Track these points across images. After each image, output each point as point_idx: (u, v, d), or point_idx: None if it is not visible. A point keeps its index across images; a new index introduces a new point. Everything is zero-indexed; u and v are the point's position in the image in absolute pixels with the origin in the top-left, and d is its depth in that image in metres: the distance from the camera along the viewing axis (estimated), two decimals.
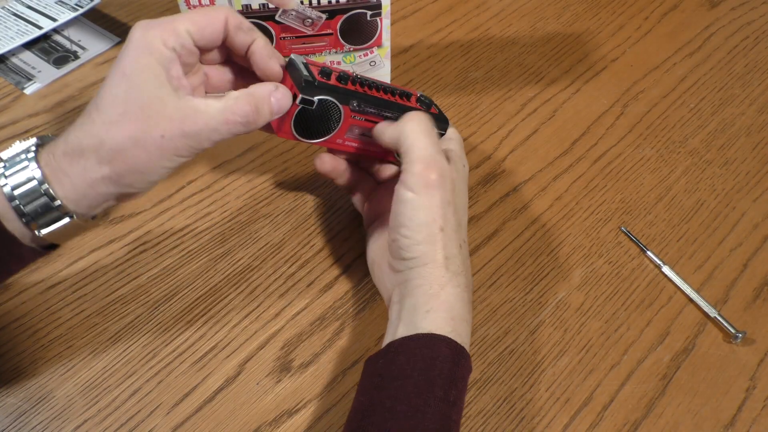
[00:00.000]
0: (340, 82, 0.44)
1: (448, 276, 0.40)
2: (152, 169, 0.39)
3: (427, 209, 0.40)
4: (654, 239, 0.54)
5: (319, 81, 0.42)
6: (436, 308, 0.39)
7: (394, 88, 0.47)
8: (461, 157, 0.46)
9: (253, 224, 0.54)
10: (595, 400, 0.45)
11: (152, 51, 0.38)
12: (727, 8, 0.76)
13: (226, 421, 0.44)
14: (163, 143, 0.38)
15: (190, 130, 0.38)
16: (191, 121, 0.38)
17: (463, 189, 0.44)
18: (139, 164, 0.38)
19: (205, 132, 0.39)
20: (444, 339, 0.38)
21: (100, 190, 0.39)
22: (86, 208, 0.39)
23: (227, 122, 0.38)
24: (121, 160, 0.38)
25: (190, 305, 0.49)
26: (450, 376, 0.37)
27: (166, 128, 0.38)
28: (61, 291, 0.49)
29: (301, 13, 0.51)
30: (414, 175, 0.40)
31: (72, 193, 0.38)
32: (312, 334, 0.48)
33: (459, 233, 0.42)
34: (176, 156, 0.39)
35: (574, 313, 0.50)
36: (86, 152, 0.38)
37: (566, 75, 0.67)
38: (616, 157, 0.60)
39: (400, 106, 0.46)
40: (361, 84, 0.45)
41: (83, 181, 0.38)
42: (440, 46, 0.70)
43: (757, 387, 0.46)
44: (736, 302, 0.51)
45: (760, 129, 0.63)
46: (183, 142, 0.38)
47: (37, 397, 0.44)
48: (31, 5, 0.70)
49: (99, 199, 0.40)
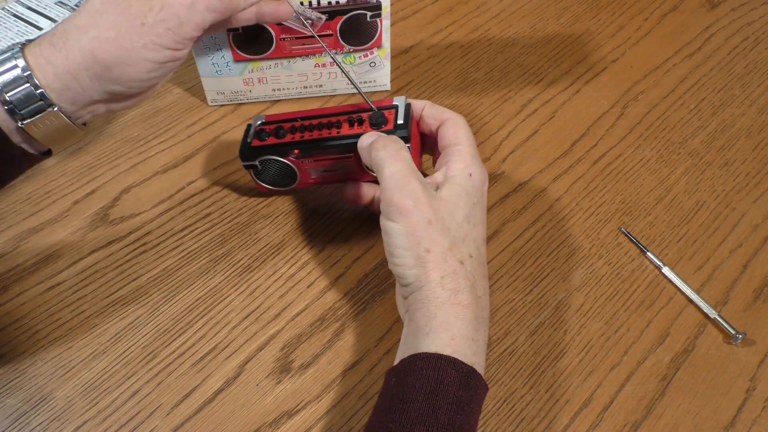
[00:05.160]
0: (278, 137, 0.49)
1: (446, 295, 0.39)
2: (134, 60, 0.39)
3: (407, 235, 0.39)
4: (654, 240, 0.54)
5: (254, 145, 0.50)
6: (435, 329, 0.38)
7: (350, 111, 0.49)
8: (464, 169, 0.43)
9: (252, 225, 0.54)
10: (595, 401, 0.45)
11: None
12: (727, 9, 0.76)
13: (226, 423, 0.44)
14: (142, 30, 0.38)
15: (168, 11, 0.39)
16: (167, 3, 0.39)
17: (462, 202, 0.42)
18: (120, 54, 0.38)
19: (184, 13, 0.39)
20: (450, 360, 0.37)
21: (83, 81, 0.39)
22: (70, 102, 0.40)
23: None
24: (102, 49, 0.38)
25: (189, 306, 0.49)
26: (456, 401, 0.36)
27: (147, 14, 0.38)
28: (60, 292, 0.49)
29: (301, 14, 0.52)
30: (387, 203, 0.40)
31: (54, 81, 0.38)
32: (312, 335, 0.48)
33: (456, 249, 0.40)
34: (158, 45, 0.39)
35: (574, 314, 0.50)
36: (70, 40, 0.38)
37: (566, 76, 0.67)
38: (616, 158, 0.60)
39: (347, 138, 0.47)
40: (302, 129, 0.49)
41: (66, 69, 0.38)
42: (440, 47, 0.70)
43: (757, 388, 0.46)
44: (736, 303, 0.51)
45: (760, 130, 0.63)
46: (162, 26, 0.39)
47: (36, 399, 0.44)
48: (31, 6, 0.70)
49: (83, 96, 0.40)
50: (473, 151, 0.45)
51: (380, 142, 0.43)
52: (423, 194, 0.40)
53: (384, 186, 0.41)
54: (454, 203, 0.41)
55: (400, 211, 0.40)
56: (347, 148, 0.47)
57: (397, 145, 0.42)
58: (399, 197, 0.40)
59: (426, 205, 0.40)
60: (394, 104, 0.48)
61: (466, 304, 0.39)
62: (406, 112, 0.47)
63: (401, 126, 0.46)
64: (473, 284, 0.40)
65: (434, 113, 0.47)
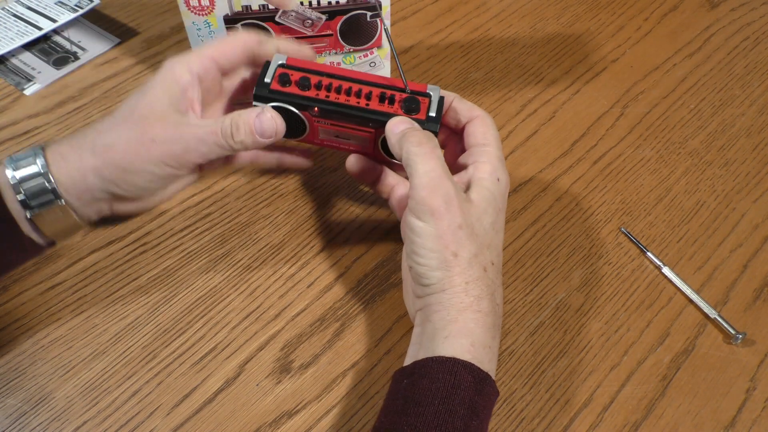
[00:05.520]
0: (301, 89, 0.45)
1: (468, 301, 0.39)
2: (137, 170, 0.42)
3: (436, 237, 0.39)
4: (654, 240, 0.54)
5: (272, 89, 0.45)
6: (455, 334, 0.38)
7: (384, 85, 0.46)
8: (492, 173, 0.43)
9: (252, 225, 0.54)
10: (595, 401, 0.45)
11: (174, 73, 0.43)
12: (727, 9, 0.76)
13: (226, 423, 0.44)
14: (151, 146, 0.42)
15: (179, 136, 0.42)
16: (181, 129, 0.42)
17: (491, 208, 0.42)
18: (125, 161, 0.41)
19: (192, 141, 0.42)
20: (467, 365, 0.37)
21: (89, 180, 0.42)
22: (77, 198, 0.42)
23: (212, 133, 0.42)
24: (110, 154, 0.41)
25: (189, 306, 0.49)
26: (471, 406, 0.36)
27: (158, 133, 0.42)
28: (61, 292, 0.49)
29: (300, 14, 0.52)
30: (418, 202, 0.39)
31: (66, 177, 0.41)
32: (312, 335, 0.48)
33: (482, 255, 0.40)
34: (162, 162, 0.42)
35: (574, 314, 0.50)
36: (86, 143, 0.42)
37: (566, 76, 0.67)
38: (616, 158, 0.60)
39: (374, 113, 0.45)
40: (328, 88, 0.45)
41: (77, 168, 0.41)
42: (440, 47, 0.70)
43: (757, 388, 0.46)
44: (736, 303, 0.51)
45: (760, 130, 0.63)
46: (170, 147, 0.42)
47: (36, 399, 0.44)
48: (31, 6, 0.70)
49: (88, 193, 0.42)
50: (500, 154, 0.44)
51: (415, 136, 0.42)
52: (456, 197, 0.40)
53: (416, 183, 0.40)
54: (483, 209, 0.41)
55: (432, 213, 0.39)
56: (371, 123, 0.45)
57: (432, 143, 0.41)
58: (432, 198, 0.39)
59: (458, 208, 0.39)
60: (428, 92, 0.46)
61: (486, 311, 0.39)
62: (439, 105, 0.45)
63: (433, 119, 0.45)
64: (493, 292, 0.40)
65: (463, 109, 0.46)
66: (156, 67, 0.66)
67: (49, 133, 0.60)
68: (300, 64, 0.47)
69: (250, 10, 0.55)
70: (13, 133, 0.60)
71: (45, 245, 0.44)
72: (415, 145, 0.41)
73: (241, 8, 0.55)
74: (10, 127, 0.61)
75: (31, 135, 0.60)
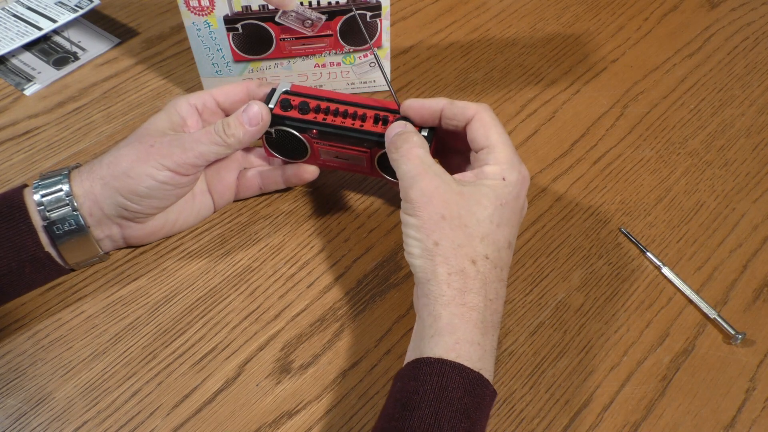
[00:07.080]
0: (301, 113, 0.49)
1: (451, 293, 0.39)
2: (137, 174, 0.45)
3: (418, 227, 0.41)
4: (654, 240, 0.54)
5: (274, 113, 0.49)
6: (439, 332, 0.38)
7: (378, 107, 0.49)
8: (497, 173, 0.43)
9: (252, 225, 0.54)
10: (595, 402, 0.45)
11: (176, 105, 0.49)
12: (726, 9, 0.76)
13: (226, 423, 0.44)
14: (150, 150, 0.46)
15: (176, 138, 0.47)
16: (178, 135, 0.47)
17: (486, 201, 0.41)
18: (127, 167, 0.45)
19: (189, 141, 0.46)
20: (455, 366, 0.37)
21: (96, 191, 0.46)
22: (89, 212, 0.46)
23: (207, 132, 0.47)
24: (115, 163, 0.46)
25: (189, 306, 0.49)
26: (461, 408, 0.36)
27: (157, 140, 0.47)
28: (61, 292, 0.49)
29: (300, 14, 0.52)
30: (403, 199, 0.42)
31: (80, 189, 0.46)
32: (312, 335, 0.48)
33: (469, 247, 0.40)
34: (161, 163, 0.45)
35: (574, 314, 0.50)
36: (100, 162, 0.47)
37: (566, 76, 0.67)
38: (616, 158, 0.60)
39: (368, 134, 0.48)
40: (326, 112, 0.49)
41: (89, 181, 0.46)
42: (440, 47, 0.70)
43: (756, 388, 0.46)
44: (735, 303, 0.51)
45: (760, 130, 0.63)
46: (168, 149, 0.46)
47: (36, 399, 0.44)
48: (31, 6, 0.70)
49: (97, 207, 0.46)
50: (508, 151, 0.44)
51: (394, 143, 0.45)
52: (437, 190, 0.41)
53: (401, 185, 0.43)
54: (476, 200, 0.41)
55: (414, 206, 0.41)
56: (366, 143, 0.49)
57: (408, 145, 0.44)
58: (411, 192, 0.42)
59: (440, 200, 0.41)
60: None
61: (472, 305, 0.39)
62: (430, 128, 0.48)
63: (424, 138, 0.46)
64: (483, 286, 0.40)
65: (456, 113, 0.46)
66: (156, 68, 0.66)
67: (49, 133, 0.60)
68: (302, 90, 0.51)
69: (250, 11, 0.55)
70: (13, 133, 0.60)
71: (64, 267, 0.48)
72: (394, 152, 0.44)
73: (241, 8, 0.55)
74: (10, 127, 0.61)
75: (31, 135, 0.60)
